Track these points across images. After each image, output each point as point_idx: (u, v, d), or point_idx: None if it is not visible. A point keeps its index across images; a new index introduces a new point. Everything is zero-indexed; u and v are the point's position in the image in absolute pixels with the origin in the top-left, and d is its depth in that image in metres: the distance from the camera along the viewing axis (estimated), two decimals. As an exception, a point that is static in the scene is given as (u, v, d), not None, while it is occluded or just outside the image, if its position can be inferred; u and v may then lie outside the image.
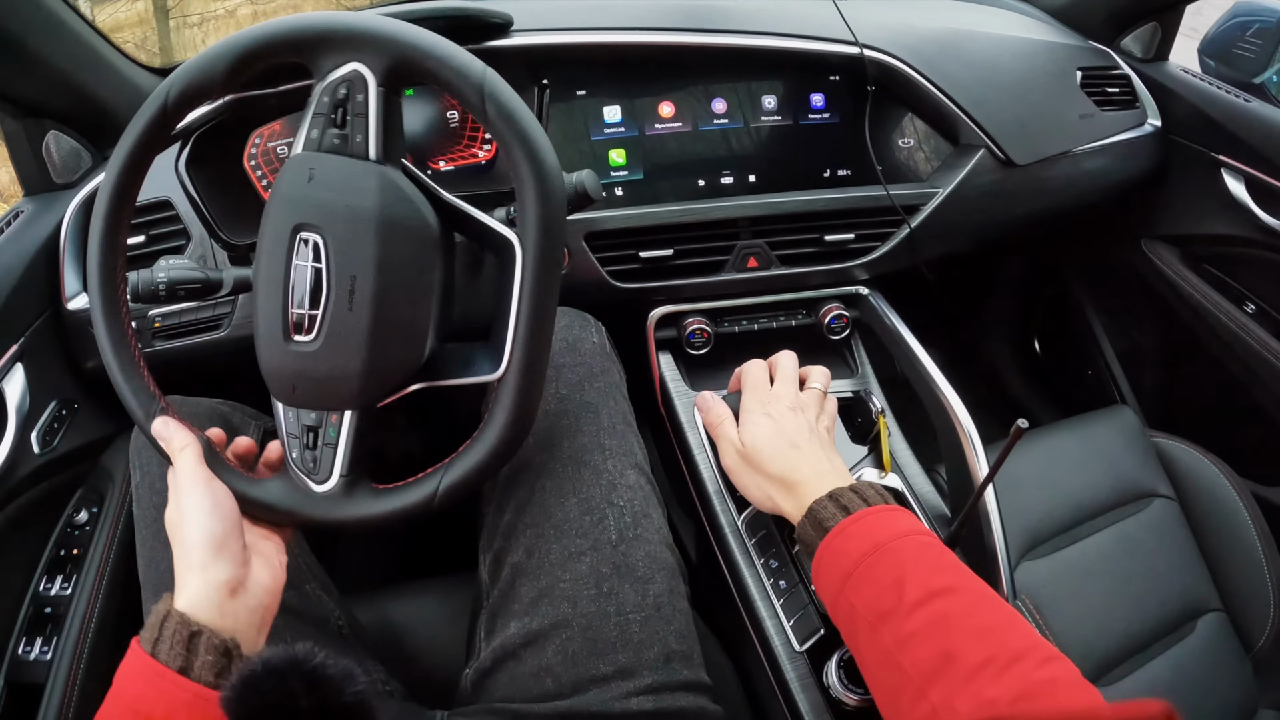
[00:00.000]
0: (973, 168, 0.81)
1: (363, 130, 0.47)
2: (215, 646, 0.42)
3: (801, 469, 0.56)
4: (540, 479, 0.58)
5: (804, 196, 0.76)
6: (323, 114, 0.47)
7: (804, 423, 0.60)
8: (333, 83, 0.47)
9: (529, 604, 0.55)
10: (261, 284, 0.48)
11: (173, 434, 0.49)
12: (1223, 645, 0.79)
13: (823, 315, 0.78)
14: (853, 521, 0.49)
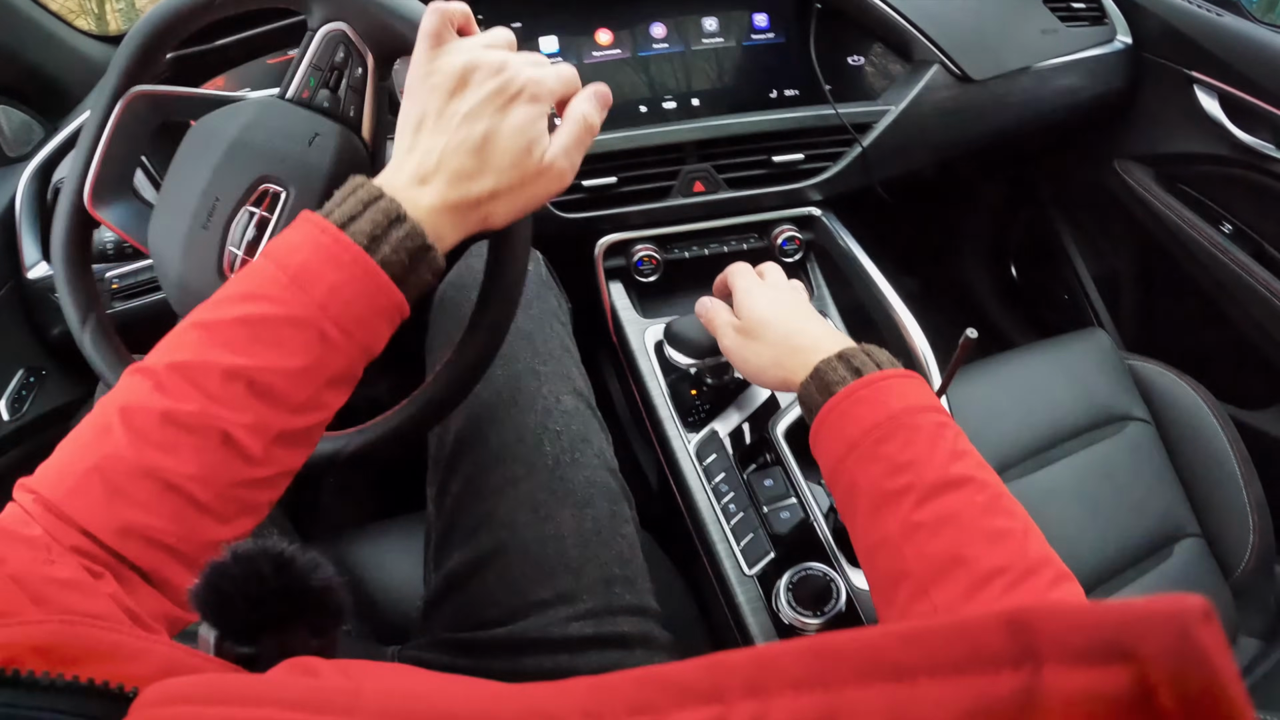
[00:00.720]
0: (926, 84, 0.80)
1: (357, 105, 0.46)
2: (436, 270, 0.38)
3: (807, 330, 0.49)
4: (475, 408, 0.59)
5: (749, 118, 0.75)
6: (322, 69, 0.46)
7: (801, 296, 0.56)
8: (330, 39, 0.46)
9: (470, 532, 0.56)
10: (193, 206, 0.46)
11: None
12: (1201, 571, 0.79)
13: (774, 237, 0.77)
14: (864, 385, 0.42)
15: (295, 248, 0.35)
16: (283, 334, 0.34)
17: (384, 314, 0.36)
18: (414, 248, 0.36)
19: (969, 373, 0.85)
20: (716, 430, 0.70)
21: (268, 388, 0.34)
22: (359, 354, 0.36)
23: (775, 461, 0.69)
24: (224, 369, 0.33)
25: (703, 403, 0.71)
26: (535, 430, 0.58)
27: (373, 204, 0.36)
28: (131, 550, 0.32)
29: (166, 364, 0.33)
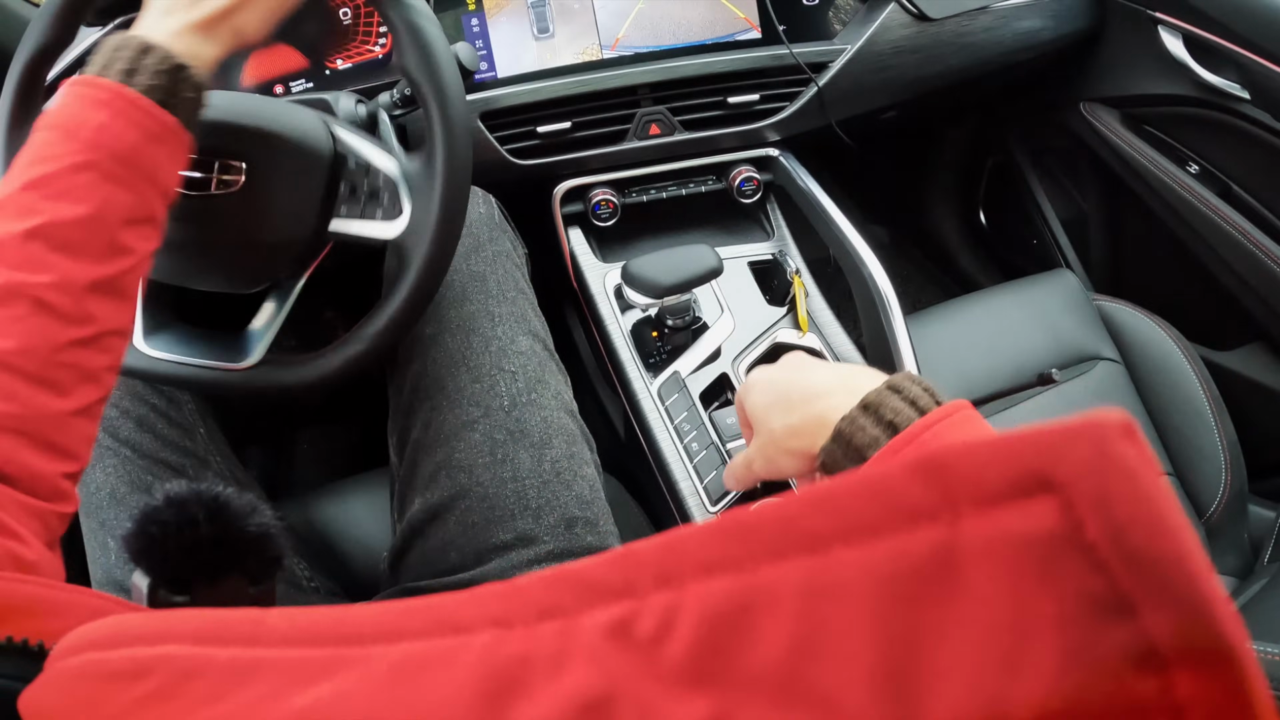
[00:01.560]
0: (882, 23, 0.81)
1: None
2: (198, 86, 0.40)
3: (815, 384, 0.42)
4: (430, 351, 0.59)
5: (704, 59, 0.76)
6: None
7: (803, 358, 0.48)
8: None
9: (429, 478, 0.56)
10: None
11: None
12: None
13: (732, 178, 0.78)
14: (906, 441, 0.35)
15: (59, 107, 0.37)
16: (65, 184, 0.35)
17: (157, 138, 0.38)
18: (168, 68, 0.38)
19: (935, 313, 0.86)
20: (678, 371, 0.71)
21: (64, 241, 0.35)
22: (148, 188, 0.38)
23: (738, 399, 0.70)
24: (19, 234, 0.34)
25: (664, 344, 0.72)
26: (490, 372, 0.58)
27: (124, 46, 0.38)
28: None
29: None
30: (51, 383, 0.34)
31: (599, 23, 0.76)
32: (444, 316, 0.60)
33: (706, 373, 0.71)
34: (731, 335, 0.72)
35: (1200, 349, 0.91)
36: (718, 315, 0.73)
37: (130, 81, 0.37)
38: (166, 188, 0.39)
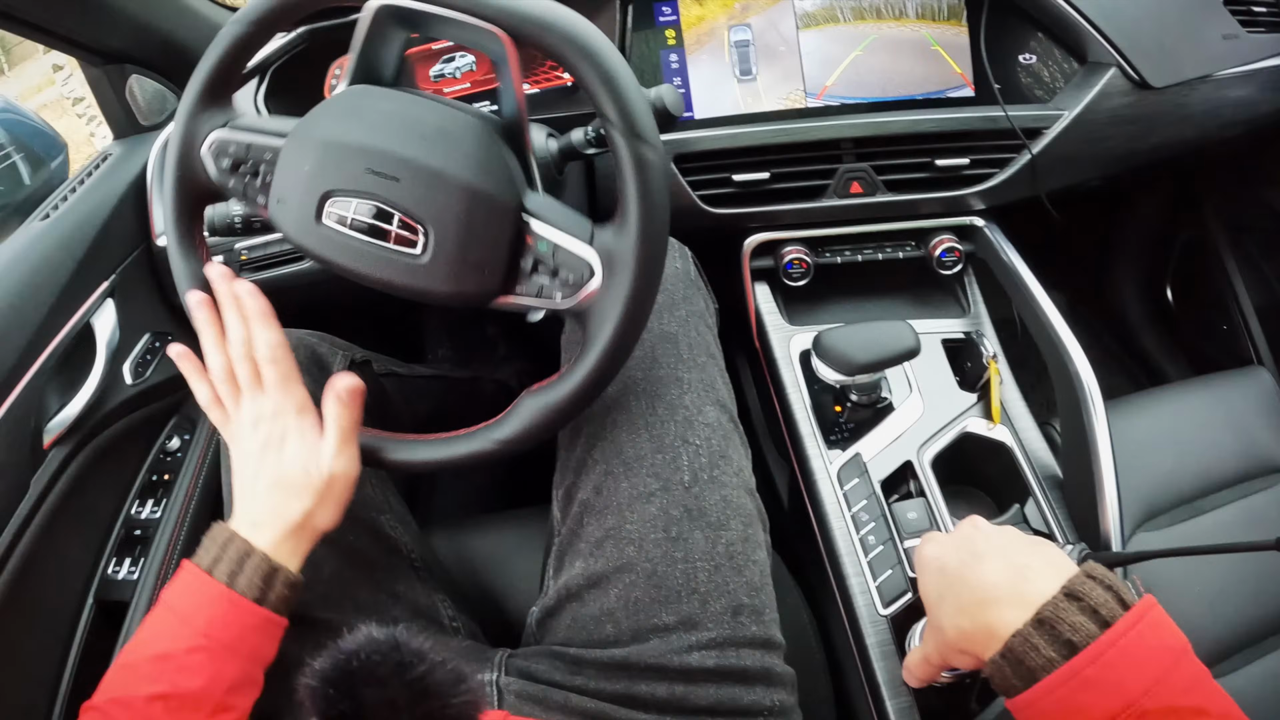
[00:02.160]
0: (1102, 89, 0.75)
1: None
2: (291, 583, 0.47)
3: (986, 578, 0.40)
4: (612, 412, 0.56)
5: (914, 116, 0.71)
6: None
7: (975, 535, 0.45)
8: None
9: (595, 544, 0.54)
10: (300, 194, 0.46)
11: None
12: None
13: (933, 247, 0.73)
14: (1088, 663, 0.33)
15: (178, 591, 0.46)
16: (183, 662, 0.43)
17: (255, 629, 0.46)
18: (266, 571, 0.46)
19: (1124, 406, 0.80)
20: (860, 453, 0.66)
21: (180, 704, 0.43)
22: (249, 663, 0.46)
23: (920, 492, 0.65)
24: (144, 697, 0.42)
25: (847, 421, 0.68)
26: (674, 443, 0.55)
27: (228, 546, 0.46)
28: None
29: (107, 699, 0.43)
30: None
31: (805, 69, 0.72)
32: (630, 377, 0.57)
33: (889, 457, 0.66)
34: (919, 420, 0.67)
35: None
36: (906, 395, 0.69)
37: (234, 584, 0.45)
38: (265, 658, 0.47)
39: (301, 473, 0.48)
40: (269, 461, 0.49)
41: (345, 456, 0.49)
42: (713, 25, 0.72)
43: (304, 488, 0.48)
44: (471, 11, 0.43)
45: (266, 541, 0.47)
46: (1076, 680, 0.34)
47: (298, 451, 0.48)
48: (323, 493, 0.48)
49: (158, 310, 0.77)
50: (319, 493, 0.48)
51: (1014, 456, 0.68)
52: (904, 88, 0.73)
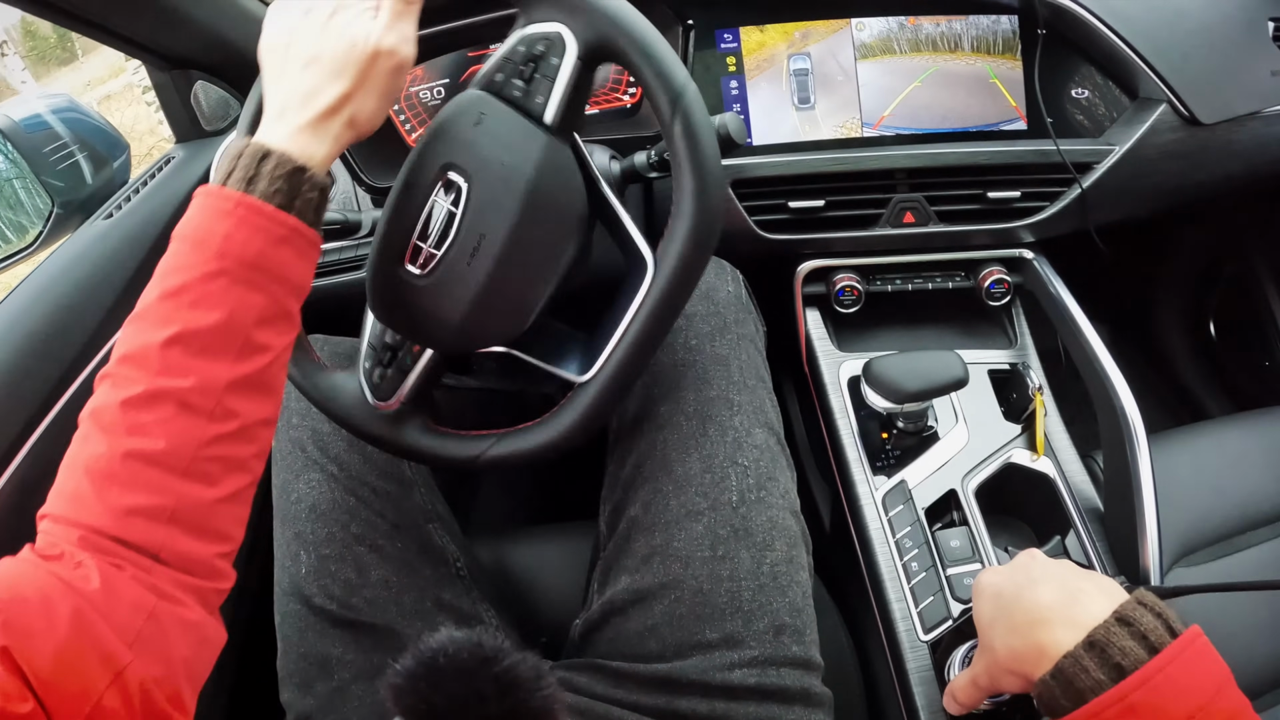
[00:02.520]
0: (1153, 124, 0.76)
1: (545, 93, 0.46)
2: (319, 186, 0.41)
3: (1040, 601, 0.42)
4: (663, 431, 0.58)
5: (967, 148, 0.72)
6: (515, 61, 0.46)
7: (1031, 566, 0.47)
8: (534, 36, 0.46)
9: (641, 560, 0.55)
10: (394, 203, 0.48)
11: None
12: None
13: (982, 279, 0.74)
14: (1135, 687, 0.34)
15: (189, 218, 0.39)
16: (198, 294, 0.37)
17: (284, 241, 0.39)
18: (286, 172, 0.39)
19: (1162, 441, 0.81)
20: (905, 480, 0.67)
21: (201, 346, 0.37)
22: (279, 287, 0.40)
23: (963, 521, 0.66)
24: (158, 344, 0.36)
25: (893, 448, 0.69)
26: (723, 464, 0.56)
27: (242, 153, 0.40)
28: (135, 532, 0.34)
29: (116, 358, 0.37)
30: (201, 475, 0.36)
31: (862, 99, 0.73)
32: (682, 398, 0.59)
33: (933, 485, 0.67)
34: (964, 449, 0.69)
35: None
36: (951, 424, 0.70)
37: (251, 189, 0.39)
38: (298, 284, 0.41)
39: (346, 46, 0.41)
40: (309, 31, 0.42)
41: (398, 32, 0.43)
42: (772, 52, 0.73)
43: (346, 65, 0.41)
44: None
45: (288, 131, 0.41)
46: (1123, 704, 0.35)
47: (346, 21, 0.42)
48: (365, 71, 0.41)
49: None
50: (361, 71, 0.41)
51: (1056, 488, 0.69)
52: (958, 120, 0.74)
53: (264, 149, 0.39)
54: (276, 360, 0.40)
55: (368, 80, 0.42)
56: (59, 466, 0.37)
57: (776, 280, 0.74)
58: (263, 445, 0.40)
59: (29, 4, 0.64)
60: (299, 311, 0.42)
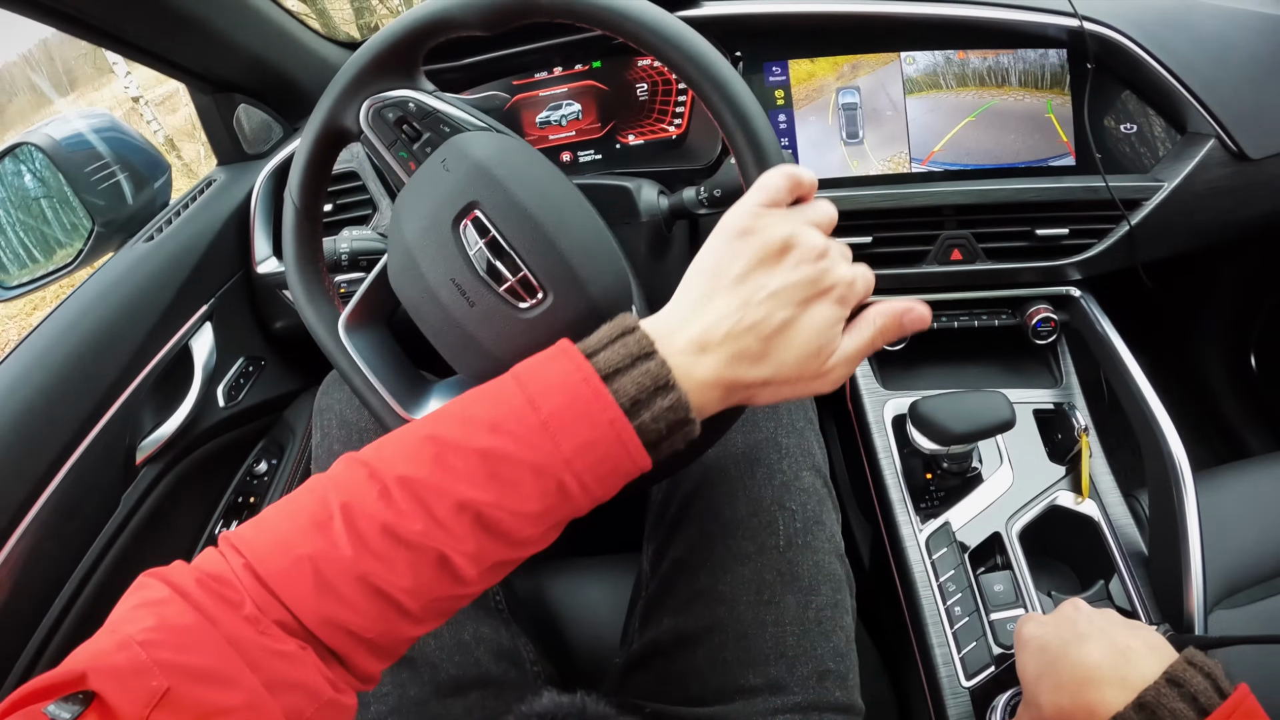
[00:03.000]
0: (1201, 160, 0.75)
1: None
2: (690, 438, 0.36)
3: (1087, 660, 0.42)
4: (710, 474, 0.58)
5: (1015, 185, 0.72)
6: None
7: (1076, 617, 0.48)
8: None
9: (685, 601, 0.55)
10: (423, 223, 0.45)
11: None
12: None
13: (1029, 317, 0.74)
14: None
15: (552, 389, 0.34)
16: (522, 477, 0.33)
17: (627, 476, 0.35)
18: (675, 420, 0.34)
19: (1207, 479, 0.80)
20: (949, 521, 0.67)
21: (495, 523, 0.34)
22: (592, 504, 0.36)
23: (1007, 564, 0.66)
24: (456, 499, 0.33)
25: (937, 489, 0.69)
26: (770, 507, 0.56)
27: (642, 360, 0.34)
28: (330, 636, 0.33)
29: (397, 476, 0.34)
30: (418, 618, 0.35)
31: (911, 134, 0.73)
32: (729, 440, 0.59)
33: (977, 528, 0.67)
34: (1009, 491, 0.68)
35: None
36: (996, 465, 0.70)
37: (635, 415, 0.34)
38: (605, 500, 0.37)
39: (815, 341, 0.36)
40: (791, 301, 0.36)
41: (852, 366, 0.39)
42: (821, 84, 0.73)
43: (796, 360, 0.36)
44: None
45: (703, 377, 0.35)
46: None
47: (825, 321, 0.36)
48: (804, 378, 0.37)
49: (253, 335, 0.80)
50: (802, 375, 0.36)
51: (1101, 532, 0.68)
52: (1007, 155, 0.74)
53: (667, 380, 0.34)
54: (545, 546, 0.38)
55: (798, 384, 0.37)
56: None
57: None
58: (476, 598, 0.39)
59: (77, 28, 0.64)
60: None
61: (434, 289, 0.44)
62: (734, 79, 0.43)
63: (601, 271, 0.45)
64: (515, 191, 0.44)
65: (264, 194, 0.77)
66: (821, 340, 0.36)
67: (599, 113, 0.76)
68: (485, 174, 0.44)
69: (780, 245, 0.36)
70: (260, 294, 0.78)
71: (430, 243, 0.44)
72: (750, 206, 0.37)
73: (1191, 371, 1.13)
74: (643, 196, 0.63)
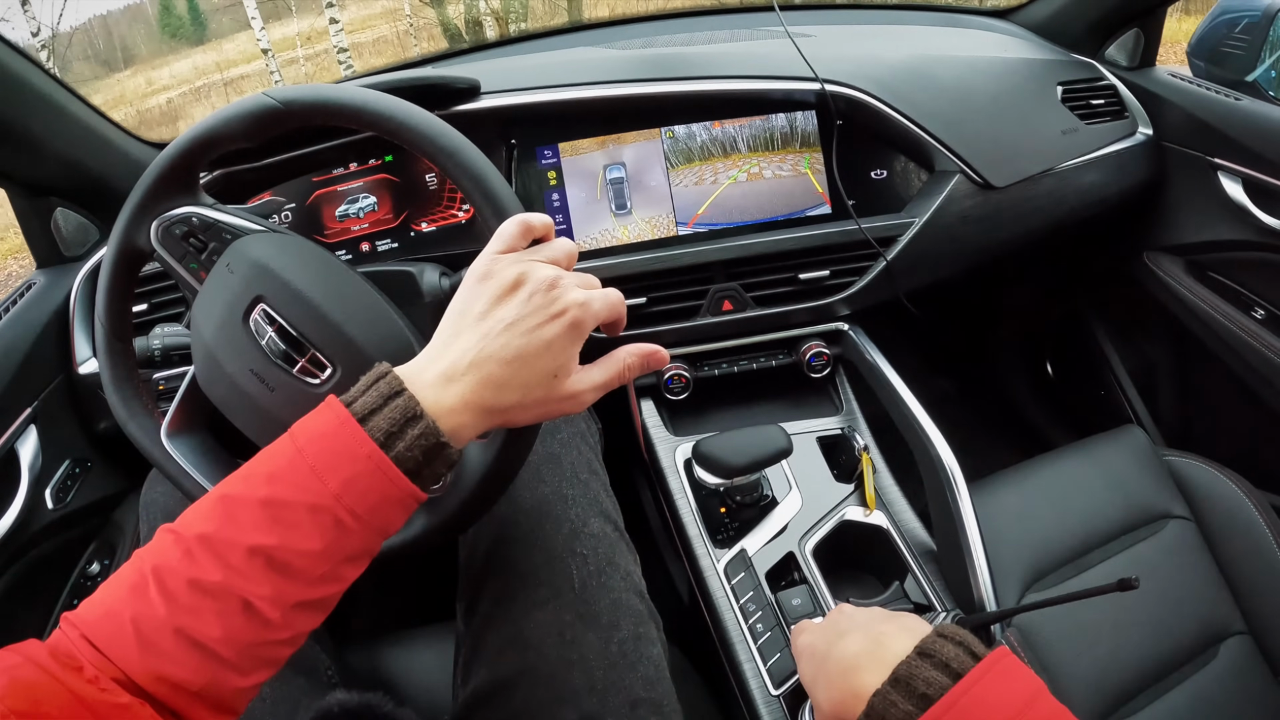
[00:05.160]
0: (948, 195, 0.86)
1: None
2: (450, 463, 0.41)
3: (849, 650, 0.46)
4: (504, 529, 0.63)
5: (774, 236, 0.81)
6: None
7: (839, 619, 0.52)
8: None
9: (497, 651, 0.59)
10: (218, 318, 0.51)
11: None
12: (1248, 670, 0.80)
13: (803, 354, 0.82)
14: (943, 711, 0.38)
15: (316, 434, 0.39)
16: (300, 518, 0.38)
17: (398, 503, 0.40)
18: (428, 445, 0.39)
19: (1002, 480, 0.89)
20: (745, 549, 0.74)
21: (285, 565, 0.38)
22: (375, 535, 0.40)
23: (803, 579, 0.73)
24: (246, 547, 0.37)
25: (732, 520, 0.76)
26: (562, 553, 0.61)
27: (393, 399, 0.39)
28: (162, 693, 0.36)
29: (196, 534, 0.38)
30: (239, 668, 0.38)
31: (675, 201, 0.82)
32: (518, 497, 0.64)
33: (773, 550, 0.74)
34: (799, 512, 0.75)
35: (1272, 497, 0.90)
36: (786, 491, 0.76)
37: (389, 447, 0.38)
38: (391, 533, 0.41)
39: (550, 363, 0.42)
40: (525, 327, 0.41)
41: (598, 394, 0.44)
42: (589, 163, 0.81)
43: (538, 382, 0.42)
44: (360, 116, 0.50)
45: (450, 404, 0.40)
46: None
47: (558, 341, 0.42)
48: (550, 400, 0.42)
49: (78, 437, 0.82)
50: (548, 397, 0.42)
51: (891, 538, 0.76)
52: (768, 210, 0.83)
53: (415, 411, 0.39)
54: (345, 588, 0.41)
55: (547, 406, 0.43)
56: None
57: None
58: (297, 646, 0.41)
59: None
60: (377, 550, 0.42)
61: (237, 381, 0.50)
62: (464, 146, 0.49)
63: (384, 339, 0.51)
64: (293, 280, 0.51)
65: (82, 295, 0.80)
66: (559, 361, 0.42)
67: (393, 204, 0.83)
68: (265, 269, 0.51)
69: (513, 282, 0.42)
70: (83, 394, 0.80)
71: (226, 339, 0.51)
72: (488, 254, 0.44)
73: (996, 385, 1.23)
74: (425, 279, 0.69)
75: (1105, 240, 1.08)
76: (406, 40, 8.93)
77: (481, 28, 7.60)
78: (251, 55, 5.84)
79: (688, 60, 0.85)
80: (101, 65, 12.15)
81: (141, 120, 9.14)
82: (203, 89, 5.74)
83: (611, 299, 0.45)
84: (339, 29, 6.59)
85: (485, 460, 0.49)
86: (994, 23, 1.12)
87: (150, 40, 8.05)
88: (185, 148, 0.53)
